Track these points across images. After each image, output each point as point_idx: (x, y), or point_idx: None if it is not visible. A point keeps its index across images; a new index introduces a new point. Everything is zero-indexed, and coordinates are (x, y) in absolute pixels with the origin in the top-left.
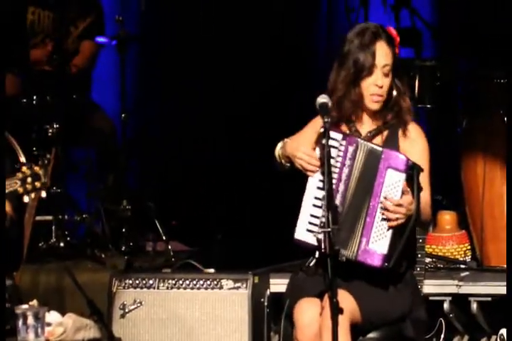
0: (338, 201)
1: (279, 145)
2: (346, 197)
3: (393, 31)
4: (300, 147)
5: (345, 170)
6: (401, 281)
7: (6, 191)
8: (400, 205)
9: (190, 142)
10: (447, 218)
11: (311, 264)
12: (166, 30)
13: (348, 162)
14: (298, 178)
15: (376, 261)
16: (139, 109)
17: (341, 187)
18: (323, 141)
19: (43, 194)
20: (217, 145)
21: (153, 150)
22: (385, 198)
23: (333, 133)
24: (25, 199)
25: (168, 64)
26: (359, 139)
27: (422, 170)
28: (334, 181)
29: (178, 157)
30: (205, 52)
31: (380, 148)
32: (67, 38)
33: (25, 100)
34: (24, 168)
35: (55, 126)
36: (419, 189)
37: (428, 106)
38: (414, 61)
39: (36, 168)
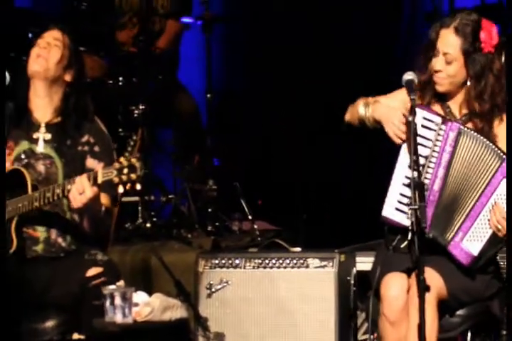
0: (437, 185)
1: (362, 106)
2: (448, 183)
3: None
4: (391, 116)
5: (446, 156)
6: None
7: (103, 179)
8: (505, 219)
9: (276, 121)
10: None
11: (399, 242)
12: (251, 10)
13: (448, 148)
14: (384, 158)
15: (464, 260)
16: (225, 89)
17: (441, 172)
18: (410, 119)
19: (138, 186)
20: (302, 123)
21: (238, 129)
22: (496, 203)
23: (429, 115)
24: (120, 189)
25: (254, 44)
26: (462, 127)
27: None
28: (432, 165)
29: (264, 136)
30: (291, 33)
31: (503, 155)
32: (152, 16)
33: (111, 82)
34: (122, 159)
35: (141, 107)
36: None
37: None
38: (499, 38)
39: (133, 160)
